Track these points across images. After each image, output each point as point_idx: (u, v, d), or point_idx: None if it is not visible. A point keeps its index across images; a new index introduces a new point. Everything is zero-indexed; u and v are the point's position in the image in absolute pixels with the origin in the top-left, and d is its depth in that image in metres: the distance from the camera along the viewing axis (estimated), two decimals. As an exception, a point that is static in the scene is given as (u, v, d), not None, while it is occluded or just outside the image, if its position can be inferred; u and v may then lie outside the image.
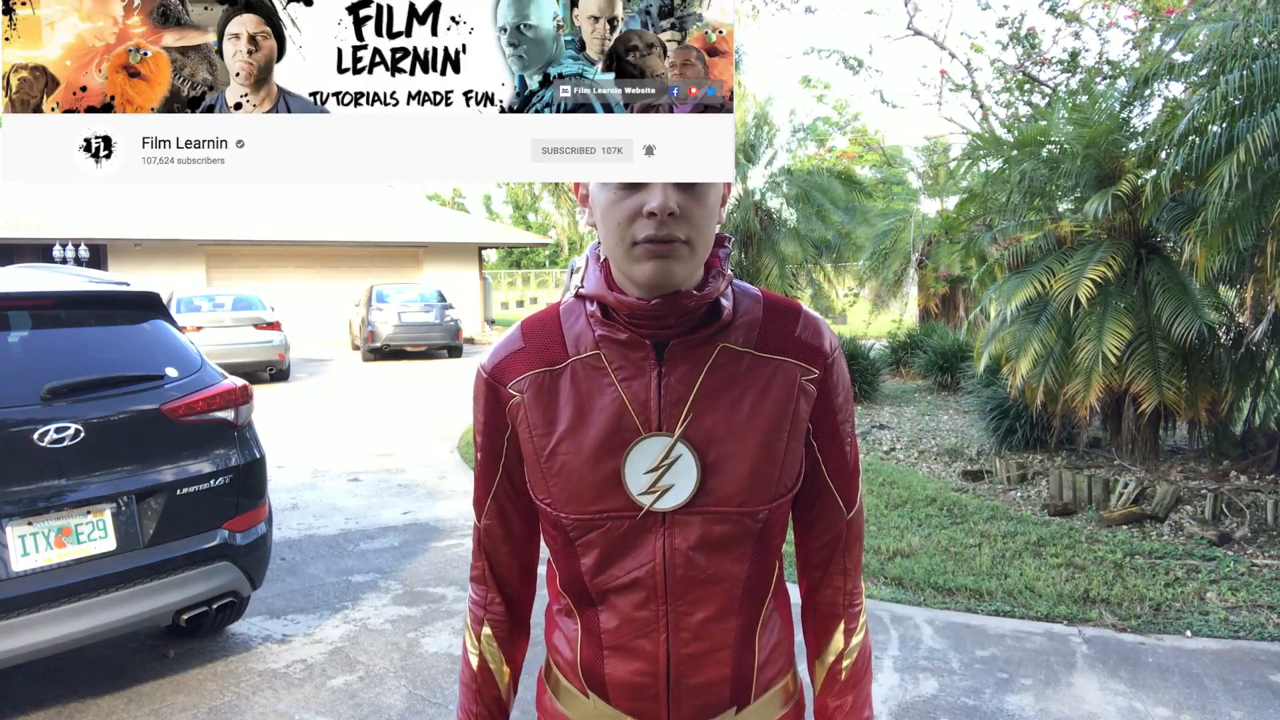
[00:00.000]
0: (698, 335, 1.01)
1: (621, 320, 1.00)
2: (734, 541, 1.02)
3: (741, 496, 1.01)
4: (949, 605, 4.21)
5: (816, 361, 1.04)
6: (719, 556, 1.02)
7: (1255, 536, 4.98)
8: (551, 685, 1.17)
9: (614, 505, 1.01)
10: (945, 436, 8.35)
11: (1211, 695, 3.28)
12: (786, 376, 1.03)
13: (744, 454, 1.00)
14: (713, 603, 1.03)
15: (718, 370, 1.01)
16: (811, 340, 1.05)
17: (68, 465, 2.97)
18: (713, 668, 1.04)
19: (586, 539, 1.03)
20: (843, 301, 16.62)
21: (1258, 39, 4.94)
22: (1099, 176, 6.34)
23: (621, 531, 1.01)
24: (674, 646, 1.03)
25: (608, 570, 1.03)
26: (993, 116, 11.78)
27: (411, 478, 7.11)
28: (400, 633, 3.89)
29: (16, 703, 3.23)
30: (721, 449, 1.00)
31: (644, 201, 0.92)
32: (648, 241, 0.93)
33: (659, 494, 1.00)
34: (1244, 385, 6.08)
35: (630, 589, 1.03)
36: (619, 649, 1.05)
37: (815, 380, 1.04)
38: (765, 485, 1.01)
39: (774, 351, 1.03)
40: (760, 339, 1.03)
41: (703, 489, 1.00)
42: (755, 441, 1.01)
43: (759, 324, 1.04)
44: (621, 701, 1.06)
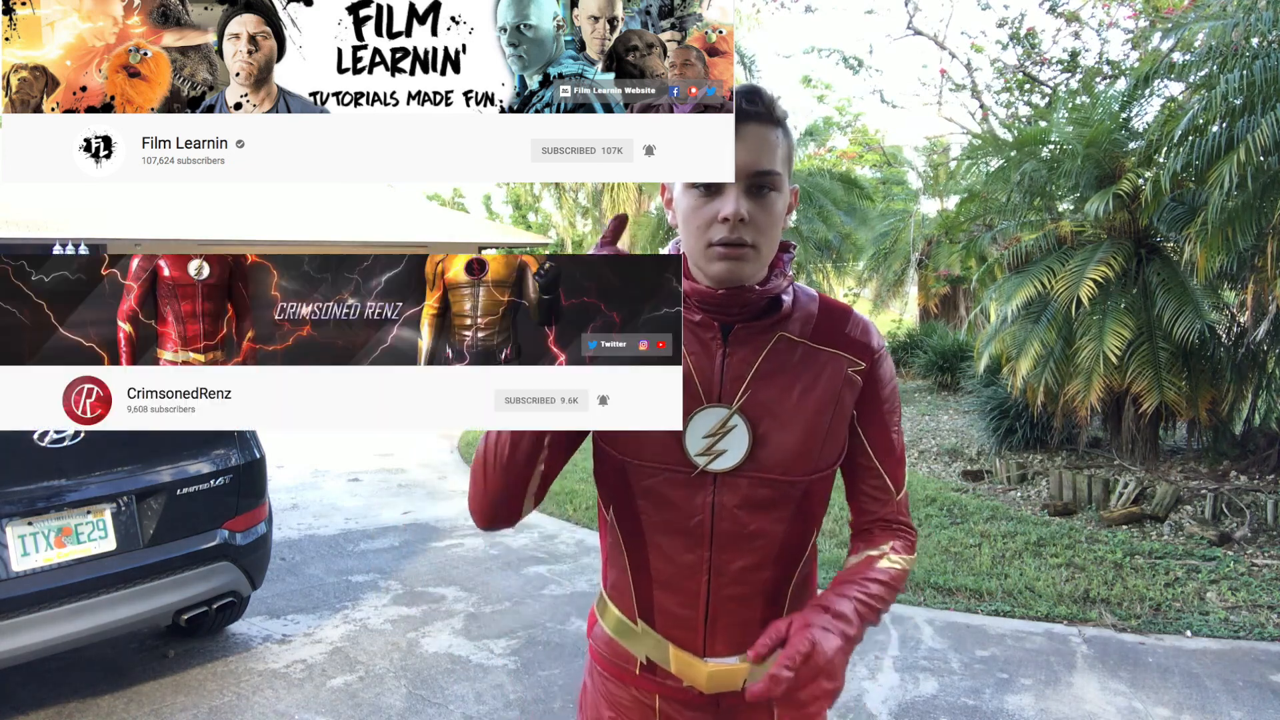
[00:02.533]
0: (760, 323, 1.15)
1: (694, 305, 1.14)
2: (775, 504, 1.14)
3: (785, 466, 1.13)
4: (949, 605, 4.21)
5: (864, 356, 1.18)
6: (761, 515, 1.14)
7: (1255, 536, 4.98)
8: (604, 616, 1.27)
9: (673, 460, 1.13)
10: (945, 436, 8.35)
11: (1211, 695, 3.28)
12: (835, 367, 1.16)
13: (791, 430, 1.13)
14: (751, 555, 1.15)
15: (775, 355, 1.15)
16: (860, 337, 1.19)
17: (68, 465, 2.97)
18: (746, 610, 1.17)
19: (645, 485, 1.15)
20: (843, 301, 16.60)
21: (1257, 39, 4.94)
22: (1099, 176, 6.34)
23: (677, 483, 1.14)
24: (714, 588, 1.16)
25: (663, 514, 1.16)
26: (993, 116, 11.78)
27: (411, 478, 7.10)
28: (400, 633, 3.89)
29: (16, 703, 3.23)
30: (772, 423, 1.13)
31: (719, 208, 1.05)
32: (721, 244, 1.06)
33: (713, 457, 1.12)
34: (1244, 385, 6.08)
35: (681, 535, 1.15)
36: (668, 585, 1.18)
37: (861, 372, 1.18)
38: (807, 458, 1.14)
39: (826, 344, 1.17)
40: (815, 332, 1.17)
41: (752, 456, 1.12)
42: (802, 420, 1.13)
43: (814, 319, 1.18)
44: (666, 629, 1.19)
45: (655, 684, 1.22)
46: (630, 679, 1.24)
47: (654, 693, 1.22)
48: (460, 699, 3.28)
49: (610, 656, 1.25)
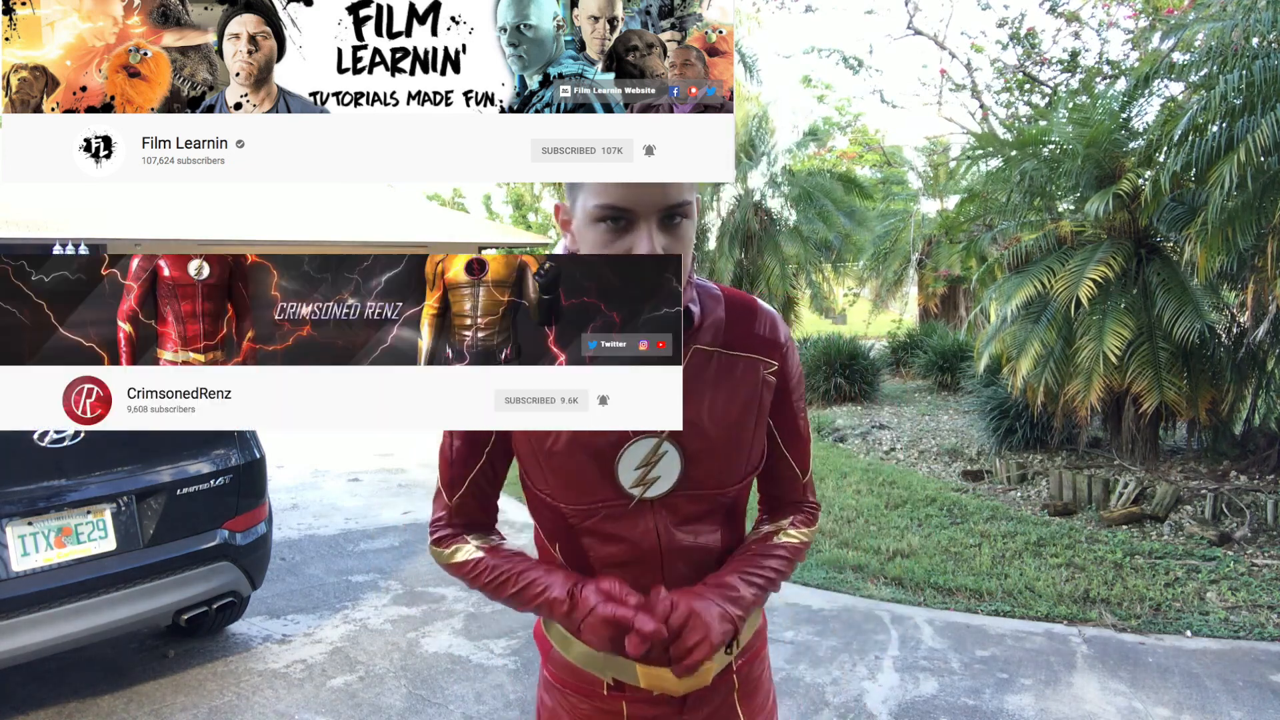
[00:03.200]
0: None
1: None
2: (709, 516, 1.17)
3: (718, 479, 1.15)
4: (949, 605, 4.21)
5: (774, 354, 1.19)
6: (700, 526, 1.17)
7: (1255, 536, 4.98)
8: (564, 646, 1.25)
9: (608, 496, 1.13)
10: (945, 436, 8.34)
11: (1211, 695, 3.28)
12: (751, 371, 1.17)
13: (719, 444, 1.14)
14: (696, 564, 1.17)
15: (693, 371, 1.13)
16: (769, 335, 1.19)
17: (68, 465, 2.97)
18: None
19: (587, 524, 1.15)
20: (843, 301, 16.61)
21: (1257, 39, 4.94)
22: (1099, 176, 6.34)
23: (617, 516, 1.14)
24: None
25: (609, 548, 1.15)
26: (993, 116, 11.77)
27: (411, 478, 7.10)
28: (400, 633, 3.89)
29: (16, 703, 3.23)
30: (701, 441, 1.13)
31: (632, 244, 1.00)
32: None
33: (647, 486, 1.12)
34: (1244, 385, 6.08)
35: (632, 565, 1.15)
36: None
37: (775, 371, 1.19)
38: (736, 468, 1.17)
39: (740, 349, 1.17)
40: (726, 339, 1.16)
41: (684, 478, 1.13)
42: (728, 432, 1.14)
43: (723, 324, 1.17)
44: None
45: (622, 694, 1.21)
46: (597, 697, 1.22)
47: (620, 700, 1.21)
48: (460, 699, 3.28)
49: (574, 681, 1.23)
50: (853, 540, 5.16)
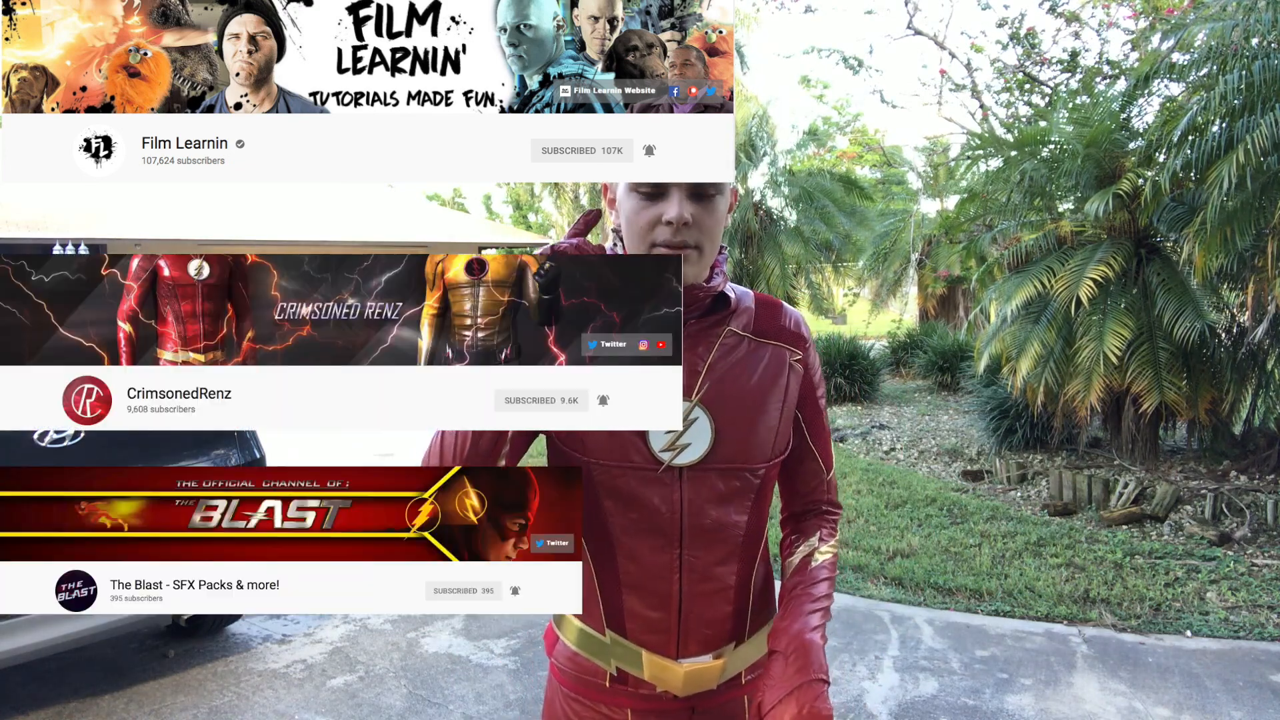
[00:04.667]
0: (708, 320, 1.19)
1: None
2: (738, 495, 1.18)
3: (747, 455, 1.17)
4: (949, 605, 4.21)
5: (799, 345, 1.25)
6: (727, 506, 1.17)
7: (1255, 536, 4.98)
8: (566, 631, 1.25)
9: (638, 458, 1.14)
10: (945, 436, 8.34)
11: (1211, 695, 3.28)
12: (778, 358, 1.22)
13: (749, 419, 1.17)
14: (719, 549, 1.17)
15: (726, 349, 1.19)
16: (794, 329, 1.25)
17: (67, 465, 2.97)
18: (716, 607, 1.19)
19: (611, 485, 1.15)
20: (843, 301, 16.61)
21: (1257, 39, 4.94)
22: (1099, 176, 6.34)
23: (644, 481, 1.14)
24: (686, 586, 1.17)
25: (631, 514, 1.16)
26: (993, 116, 11.78)
27: (411, 478, 7.10)
28: (400, 633, 3.89)
29: (16, 703, 3.23)
30: (730, 414, 1.16)
31: (663, 211, 1.06)
32: (665, 247, 1.07)
33: (678, 452, 1.14)
34: (1244, 385, 6.08)
35: (651, 534, 1.15)
36: (638, 588, 1.17)
37: (800, 360, 1.24)
38: (765, 446, 1.19)
39: (768, 337, 1.22)
40: (756, 327, 1.22)
41: (715, 448, 1.15)
42: (758, 409, 1.18)
43: (753, 314, 1.23)
44: (638, 634, 1.19)
45: (627, 696, 1.20)
46: (599, 695, 1.22)
47: (625, 706, 1.21)
48: (460, 699, 3.28)
49: (576, 673, 1.23)
50: (853, 540, 5.16)
